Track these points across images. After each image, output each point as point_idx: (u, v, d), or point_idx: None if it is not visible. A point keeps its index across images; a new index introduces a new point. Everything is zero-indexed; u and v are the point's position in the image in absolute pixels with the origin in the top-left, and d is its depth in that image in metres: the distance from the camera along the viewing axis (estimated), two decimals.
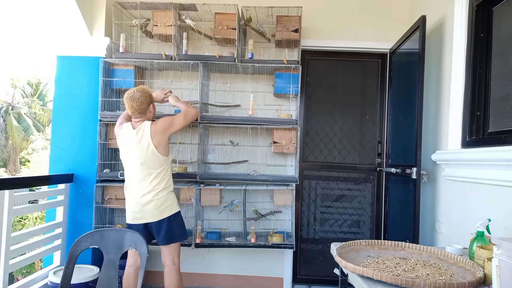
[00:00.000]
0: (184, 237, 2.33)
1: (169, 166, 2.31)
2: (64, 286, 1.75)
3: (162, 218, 2.21)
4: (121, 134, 2.27)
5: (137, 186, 2.21)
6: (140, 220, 2.22)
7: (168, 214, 2.23)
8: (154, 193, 2.19)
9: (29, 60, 33.23)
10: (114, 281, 1.80)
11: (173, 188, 2.32)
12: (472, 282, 1.17)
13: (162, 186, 2.22)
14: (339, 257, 1.40)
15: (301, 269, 3.30)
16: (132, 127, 2.24)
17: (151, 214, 2.19)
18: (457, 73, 2.22)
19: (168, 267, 2.28)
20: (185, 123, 2.37)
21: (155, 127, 2.22)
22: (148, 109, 2.25)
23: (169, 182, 2.28)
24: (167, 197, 2.24)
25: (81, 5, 2.81)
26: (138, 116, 2.24)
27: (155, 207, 2.19)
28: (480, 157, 1.87)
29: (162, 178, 2.23)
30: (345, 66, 3.34)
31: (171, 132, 2.30)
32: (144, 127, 2.21)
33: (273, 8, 2.91)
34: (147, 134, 2.19)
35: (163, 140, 2.23)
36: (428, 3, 2.76)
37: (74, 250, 1.81)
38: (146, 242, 2.15)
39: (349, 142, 3.32)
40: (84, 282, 2.45)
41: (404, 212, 2.64)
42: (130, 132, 2.23)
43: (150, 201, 2.18)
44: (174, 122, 2.30)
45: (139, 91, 2.21)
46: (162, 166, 2.23)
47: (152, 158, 2.19)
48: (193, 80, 3.13)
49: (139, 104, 2.18)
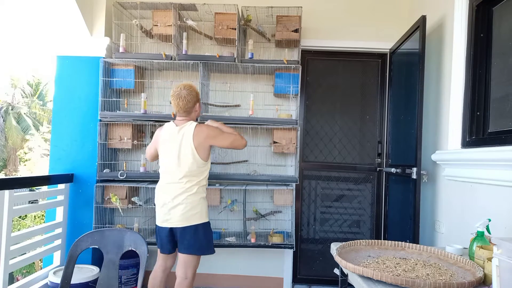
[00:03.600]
0: (208, 251, 2.15)
1: (207, 172, 2.21)
2: (64, 286, 1.75)
3: (188, 225, 2.09)
4: (162, 135, 2.21)
5: (170, 187, 2.13)
6: (165, 224, 2.13)
7: (195, 222, 2.10)
8: (185, 196, 2.09)
9: (29, 60, 33.24)
10: (114, 281, 1.81)
11: (205, 195, 2.22)
12: (472, 282, 1.17)
13: (195, 190, 2.12)
14: (339, 257, 1.40)
15: (301, 269, 3.30)
16: (175, 124, 2.19)
17: (177, 218, 2.09)
18: (457, 73, 2.22)
19: (180, 279, 2.13)
20: (228, 146, 2.26)
21: (200, 129, 2.15)
22: (193, 108, 2.19)
23: (203, 187, 2.19)
24: (198, 203, 2.13)
25: (81, 5, 2.81)
26: (184, 115, 2.18)
27: (183, 211, 2.08)
28: (480, 157, 1.87)
29: (197, 182, 2.14)
30: (345, 66, 3.34)
31: (212, 144, 2.19)
32: (188, 126, 2.15)
33: (273, 8, 2.91)
34: (189, 133, 2.12)
35: (203, 144, 2.14)
36: (428, 3, 2.76)
37: (74, 250, 1.81)
38: (170, 247, 2.18)
39: (349, 142, 3.32)
40: (84, 282, 2.45)
41: (404, 212, 2.64)
42: (172, 129, 2.17)
43: (180, 204, 2.08)
44: (219, 137, 2.20)
45: (186, 89, 2.15)
46: (199, 169, 2.14)
47: (190, 158, 2.11)
48: (193, 80, 3.13)
49: (185, 102, 2.13)
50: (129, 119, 2.88)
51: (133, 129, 2.92)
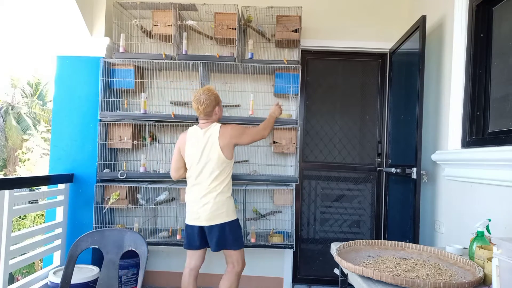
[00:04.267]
0: (237, 246, 2.27)
1: (231, 171, 2.31)
2: (64, 286, 1.75)
3: (214, 224, 2.20)
4: (188, 138, 2.29)
5: (199, 187, 2.23)
6: (195, 222, 2.23)
7: (221, 221, 2.20)
8: (213, 195, 2.19)
9: (29, 60, 33.25)
10: (114, 281, 1.81)
11: (231, 194, 2.31)
12: (472, 282, 1.17)
13: (221, 188, 2.22)
14: (339, 257, 1.40)
15: (301, 269, 3.30)
16: (199, 128, 2.29)
17: (205, 217, 2.19)
18: (457, 73, 2.22)
19: (229, 268, 2.31)
20: (252, 141, 2.40)
21: (225, 130, 2.25)
22: (213, 111, 2.27)
23: (228, 186, 2.28)
24: (224, 202, 2.22)
25: (81, 5, 2.81)
26: (205, 118, 2.28)
27: (210, 210, 2.18)
28: (480, 157, 1.87)
29: (223, 181, 2.24)
30: (345, 66, 3.34)
31: (236, 143, 2.30)
32: (213, 128, 2.25)
33: (273, 8, 2.91)
34: (215, 135, 2.22)
35: (228, 144, 2.24)
36: (428, 3, 2.76)
37: (74, 250, 1.81)
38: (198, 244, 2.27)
39: (349, 142, 3.32)
40: (84, 282, 2.45)
41: (404, 212, 2.64)
42: (198, 132, 2.27)
43: (208, 203, 2.19)
44: (243, 136, 2.31)
45: (205, 93, 2.23)
46: (225, 168, 2.24)
47: (216, 158, 2.20)
48: (193, 80, 3.13)
49: (204, 107, 2.22)
50: (129, 119, 2.88)
51: (133, 129, 2.92)
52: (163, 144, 3.14)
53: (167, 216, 3.13)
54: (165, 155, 3.12)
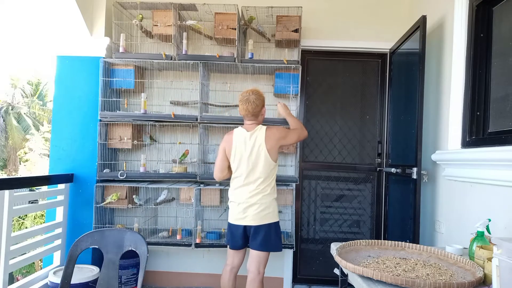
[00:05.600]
0: (278, 249, 2.30)
1: (276, 173, 2.33)
2: (64, 286, 1.75)
3: (262, 224, 2.22)
4: (234, 139, 2.30)
5: (245, 188, 2.25)
6: (240, 222, 2.25)
7: (268, 221, 2.24)
8: (260, 196, 2.22)
9: (29, 60, 33.26)
10: (114, 281, 1.81)
11: (276, 196, 2.33)
12: (472, 282, 1.17)
13: (268, 190, 2.25)
14: (339, 257, 1.40)
15: (301, 269, 3.30)
16: (245, 130, 2.30)
17: (252, 217, 2.22)
18: (457, 73, 2.22)
19: (253, 275, 2.26)
20: (297, 142, 2.47)
21: (271, 132, 2.27)
22: (260, 112, 2.31)
23: (274, 188, 2.31)
24: (271, 203, 2.26)
25: (81, 5, 2.81)
26: (252, 119, 2.30)
27: (257, 210, 2.21)
28: (480, 157, 1.87)
29: (269, 183, 2.26)
30: (345, 66, 3.34)
31: (282, 144, 2.33)
32: (259, 130, 2.27)
33: (273, 8, 2.91)
34: (261, 137, 2.25)
35: (275, 146, 2.26)
36: (428, 3, 2.76)
37: (74, 250, 1.81)
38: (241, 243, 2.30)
39: (349, 142, 3.32)
40: (84, 282, 2.45)
41: (404, 212, 2.64)
42: (244, 134, 2.29)
43: (255, 204, 2.21)
44: (288, 136, 2.34)
45: (254, 93, 2.27)
46: (271, 171, 2.27)
47: (263, 161, 2.23)
48: (193, 80, 3.13)
49: (254, 107, 2.24)
50: (129, 119, 2.88)
51: (133, 129, 2.92)
52: (163, 144, 3.14)
53: (167, 216, 3.13)
54: (165, 155, 3.12)
